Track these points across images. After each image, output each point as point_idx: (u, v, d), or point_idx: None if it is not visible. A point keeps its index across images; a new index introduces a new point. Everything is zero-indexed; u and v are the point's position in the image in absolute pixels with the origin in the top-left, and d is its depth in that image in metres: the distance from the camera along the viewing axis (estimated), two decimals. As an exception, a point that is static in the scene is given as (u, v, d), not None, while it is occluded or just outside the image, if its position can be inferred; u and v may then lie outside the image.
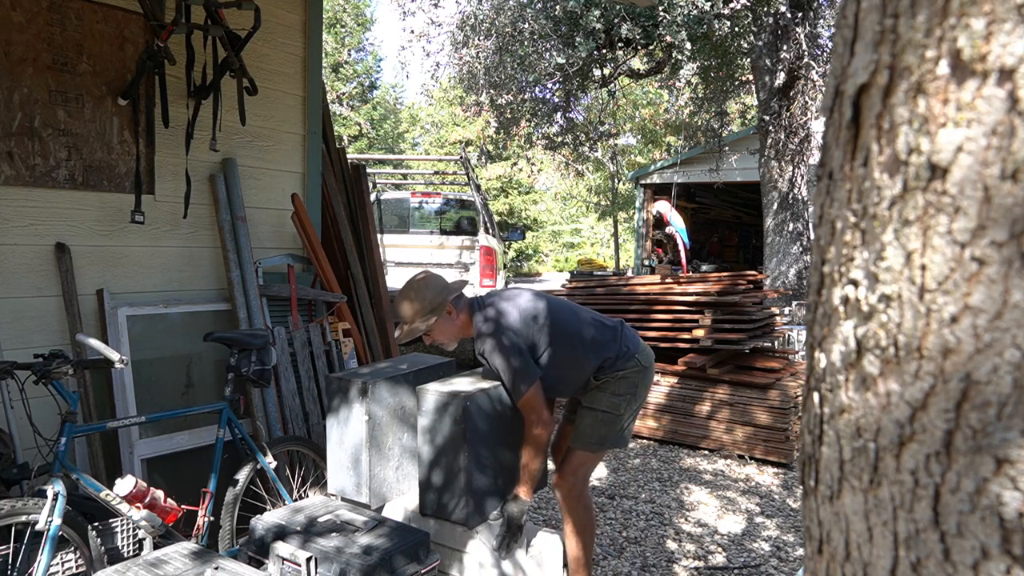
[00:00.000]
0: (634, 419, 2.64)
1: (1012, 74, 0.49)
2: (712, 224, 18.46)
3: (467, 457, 2.25)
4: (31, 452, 2.42)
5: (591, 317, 2.59)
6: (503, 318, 2.39)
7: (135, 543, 2.45)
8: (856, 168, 0.59)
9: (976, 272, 0.51)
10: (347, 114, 22.65)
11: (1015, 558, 0.50)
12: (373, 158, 17.74)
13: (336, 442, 2.54)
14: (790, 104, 8.78)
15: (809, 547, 0.72)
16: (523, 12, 9.05)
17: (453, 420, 2.27)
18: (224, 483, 2.71)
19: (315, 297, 3.61)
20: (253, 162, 3.52)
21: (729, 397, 4.87)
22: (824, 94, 0.66)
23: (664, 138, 20.99)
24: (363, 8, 24.23)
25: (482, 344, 2.39)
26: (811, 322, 0.68)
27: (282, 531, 2.13)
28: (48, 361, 2.17)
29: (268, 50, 3.51)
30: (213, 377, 3.25)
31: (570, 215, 30.12)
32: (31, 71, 2.74)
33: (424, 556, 2.11)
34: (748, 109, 16.57)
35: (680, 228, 7.21)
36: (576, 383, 2.54)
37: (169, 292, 3.19)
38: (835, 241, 0.63)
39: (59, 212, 2.85)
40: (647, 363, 2.62)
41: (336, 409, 2.53)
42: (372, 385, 2.44)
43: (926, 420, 0.55)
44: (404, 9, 10.13)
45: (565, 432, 2.70)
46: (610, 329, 2.56)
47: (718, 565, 3.24)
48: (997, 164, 0.50)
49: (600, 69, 10.08)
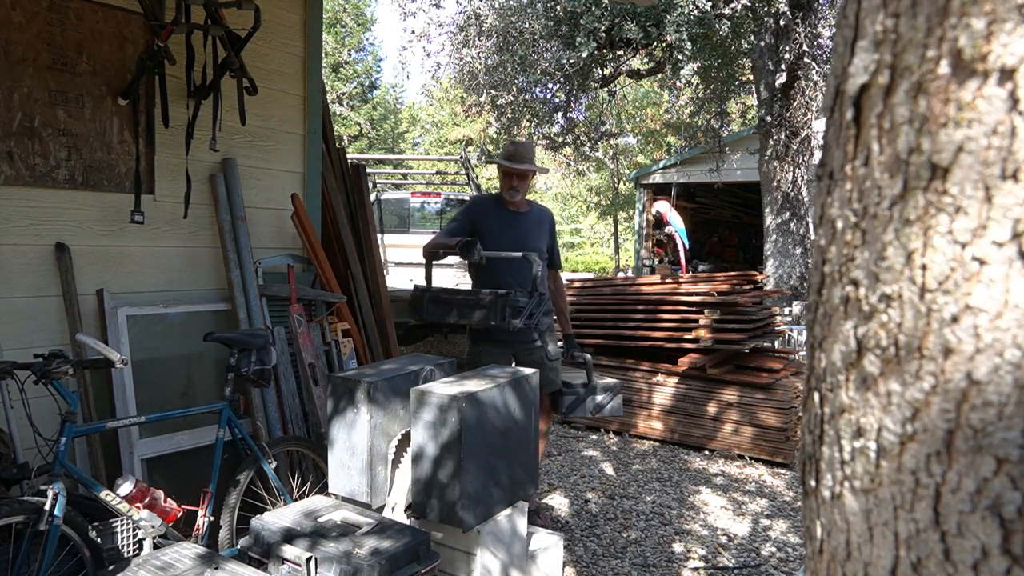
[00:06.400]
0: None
1: (1013, 74, 0.49)
2: (712, 224, 18.46)
3: (463, 459, 2.25)
4: (31, 452, 2.42)
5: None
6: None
7: (135, 543, 2.45)
8: (857, 168, 0.59)
9: (976, 272, 0.51)
10: (347, 114, 22.65)
11: (1015, 558, 0.50)
12: (373, 158, 17.74)
13: (336, 442, 2.54)
14: (790, 104, 8.78)
15: (809, 547, 0.72)
16: (524, 12, 9.05)
17: (450, 421, 2.27)
18: (224, 483, 2.71)
19: (315, 297, 3.61)
20: (253, 162, 3.52)
21: (730, 397, 4.87)
22: (825, 94, 0.66)
23: (665, 138, 20.99)
24: (363, 8, 24.23)
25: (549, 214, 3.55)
26: (811, 322, 0.68)
27: (283, 532, 2.13)
28: (48, 361, 2.17)
29: (268, 50, 3.51)
30: (213, 377, 3.25)
31: (570, 215, 30.11)
32: (31, 71, 2.74)
33: (424, 556, 2.12)
34: (748, 109, 16.57)
35: (680, 228, 7.22)
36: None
37: (169, 292, 3.19)
38: (836, 241, 0.63)
39: (59, 212, 2.85)
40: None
41: (337, 409, 2.53)
42: (373, 385, 2.44)
43: (927, 420, 0.55)
44: (404, 9, 10.12)
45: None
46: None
47: (719, 565, 3.24)
48: (998, 164, 0.50)
49: (600, 69, 10.08)
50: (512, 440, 2.47)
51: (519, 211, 3.37)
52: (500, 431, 2.41)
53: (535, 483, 2.66)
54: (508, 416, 2.44)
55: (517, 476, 2.51)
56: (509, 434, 2.45)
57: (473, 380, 2.48)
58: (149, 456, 2.92)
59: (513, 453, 2.47)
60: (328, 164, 3.94)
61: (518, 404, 2.50)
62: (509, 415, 2.45)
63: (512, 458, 2.47)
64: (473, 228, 3.31)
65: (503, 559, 2.38)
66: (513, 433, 2.47)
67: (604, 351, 5.57)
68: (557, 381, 3.39)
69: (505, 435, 2.44)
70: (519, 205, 3.36)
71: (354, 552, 1.99)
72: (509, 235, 3.29)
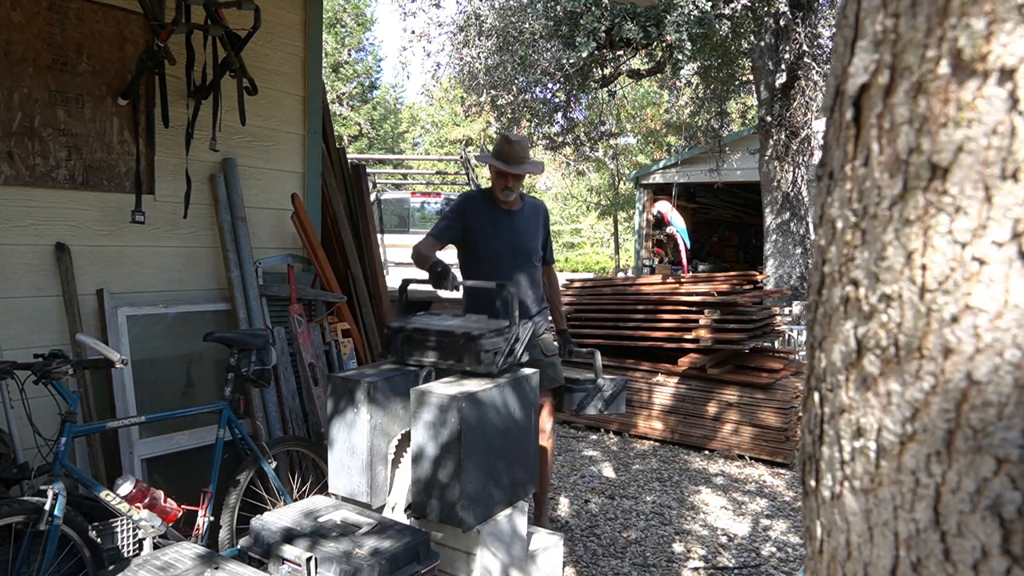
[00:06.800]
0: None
1: (1013, 74, 0.49)
2: (712, 224, 18.46)
3: (463, 459, 2.25)
4: (31, 452, 2.42)
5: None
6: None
7: (135, 543, 2.45)
8: (857, 168, 0.59)
9: (976, 272, 0.51)
10: (347, 114, 22.65)
11: (1015, 558, 0.50)
12: (373, 158, 17.74)
13: (337, 441, 2.54)
14: (790, 104, 8.78)
15: (809, 547, 0.72)
16: (524, 12, 9.05)
17: (450, 421, 2.27)
18: (224, 483, 2.71)
19: (315, 297, 3.61)
20: (253, 162, 3.52)
21: (730, 397, 4.87)
22: (824, 94, 0.66)
23: (665, 138, 20.99)
24: (363, 8, 24.23)
25: (543, 208, 3.48)
26: (811, 322, 0.68)
27: (283, 532, 2.13)
28: (48, 361, 2.17)
29: (268, 50, 3.51)
30: (213, 377, 3.25)
31: (570, 215, 30.12)
32: (31, 71, 2.74)
33: (424, 556, 2.12)
34: (748, 109, 16.57)
35: (681, 228, 7.22)
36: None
37: (169, 292, 3.19)
38: (836, 241, 0.63)
39: (59, 212, 2.85)
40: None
41: (337, 409, 2.53)
42: (373, 385, 2.44)
43: (926, 420, 0.55)
44: (404, 9, 10.13)
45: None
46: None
47: (719, 565, 3.24)
48: (998, 164, 0.50)
49: (600, 69, 10.08)
50: (512, 440, 2.47)
51: (512, 209, 3.24)
52: (500, 431, 2.41)
53: (535, 483, 2.66)
54: (508, 416, 2.44)
55: (517, 476, 2.51)
56: (509, 434, 2.45)
57: (473, 380, 2.48)
58: (149, 456, 2.92)
59: (513, 453, 2.47)
60: (328, 164, 3.94)
61: (518, 404, 2.50)
62: (509, 415, 2.45)
63: (512, 458, 2.47)
64: (464, 228, 3.19)
65: (503, 559, 2.38)
66: (513, 433, 2.47)
67: (604, 351, 5.55)
68: (559, 377, 3.28)
69: (505, 435, 2.44)
70: (512, 204, 3.23)
71: (354, 552, 1.99)
72: (502, 237, 3.18)
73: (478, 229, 3.18)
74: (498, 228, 3.19)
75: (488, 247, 3.17)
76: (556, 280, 3.59)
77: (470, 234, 3.18)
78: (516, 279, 3.17)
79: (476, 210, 3.24)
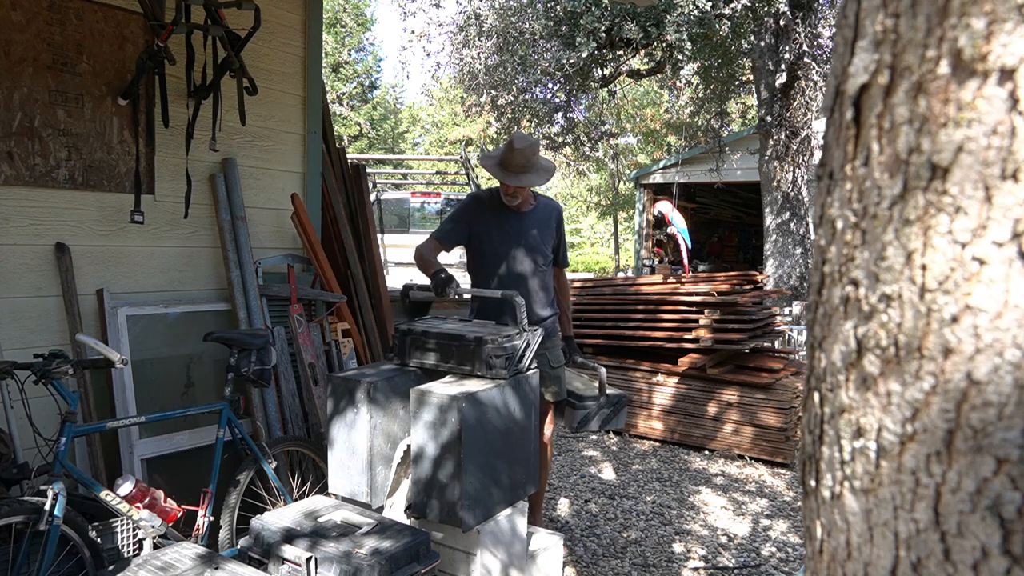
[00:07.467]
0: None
1: (1013, 74, 0.49)
2: (712, 224, 18.45)
3: (463, 459, 2.25)
4: (31, 452, 2.42)
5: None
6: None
7: (135, 543, 2.45)
8: (857, 168, 0.59)
9: (976, 272, 0.51)
10: (347, 114, 22.64)
11: (1015, 558, 0.50)
12: (373, 158, 17.73)
13: (337, 441, 2.54)
14: (790, 104, 8.78)
15: (809, 547, 0.72)
16: (524, 12, 9.05)
17: (450, 421, 2.27)
18: (224, 483, 2.71)
19: (315, 297, 3.61)
20: (253, 162, 3.52)
21: (730, 397, 4.87)
22: (824, 94, 0.66)
23: (665, 138, 20.99)
24: (363, 8, 24.23)
25: (557, 209, 3.31)
26: (811, 322, 0.68)
27: (283, 532, 2.13)
28: (48, 361, 2.17)
29: (268, 50, 3.51)
30: (213, 377, 3.25)
31: (570, 215, 30.11)
32: (31, 71, 2.74)
33: (424, 556, 2.12)
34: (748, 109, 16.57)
35: (682, 228, 7.21)
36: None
37: (169, 292, 3.19)
38: (836, 241, 0.62)
39: (59, 212, 2.85)
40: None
41: (337, 409, 2.53)
42: (373, 385, 2.44)
43: (927, 420, 0.55)
44: (404, 9, 10.13)
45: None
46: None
47: (719, 565, 3.24)
48: (998, 164, 0.50)
49: (600, 69, 10.08)
50: (512, 440, 2.47)
51: (522, 210, 3.10)
52: (500, 431, 2.41)
53: (535, 483, 2.66)
54: (508, 416, 2.44)
55: (517, 476, 2.51)
56: (509, 434, 2.45)
57: (473, 380, 2.48)
58: (149, 456, 2.92)
59: (513, 453, 2.47)
60: (328, 164, 3.94)
61: (518, 404, 2.50)
62: (509, 415, 2.45)
63: (512, 458, 2.47)
64: (470, 231, 3.08)
65: (503, 559, 2.38)
66: (513, 433, 2.47)
67: (604, 351, 5.58)
68: (562, 391, 3.16)
69: (505, 435, 2.44)
70: (521, 205, 3.08)
71: (354, 552, 1.99)
72: (510, 240, 3.06)
73: (485, 232, 3.07)
74: (506, 231, 3.07)
75: (495, 251, 3.06)
76: (566, 283, 3.45)
77: (476, 237, 3.09)
78: (524, 283, 3.06)
79: (483, 212, 3.11)
